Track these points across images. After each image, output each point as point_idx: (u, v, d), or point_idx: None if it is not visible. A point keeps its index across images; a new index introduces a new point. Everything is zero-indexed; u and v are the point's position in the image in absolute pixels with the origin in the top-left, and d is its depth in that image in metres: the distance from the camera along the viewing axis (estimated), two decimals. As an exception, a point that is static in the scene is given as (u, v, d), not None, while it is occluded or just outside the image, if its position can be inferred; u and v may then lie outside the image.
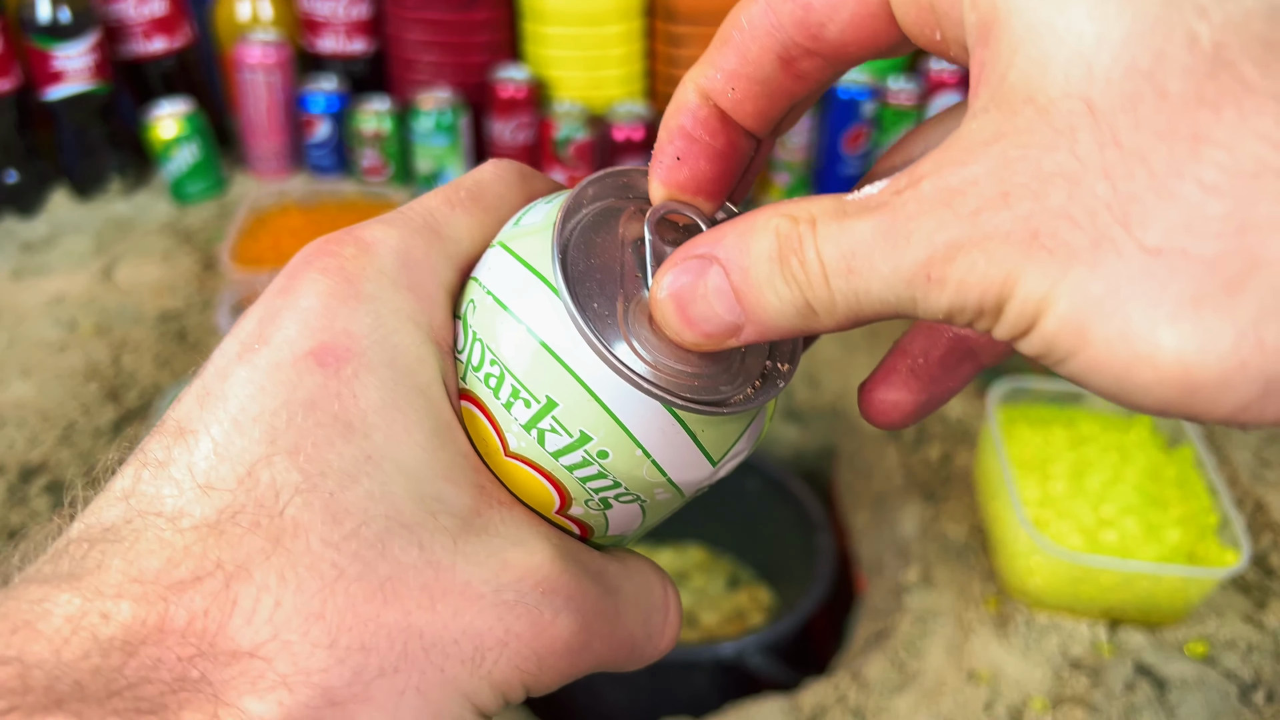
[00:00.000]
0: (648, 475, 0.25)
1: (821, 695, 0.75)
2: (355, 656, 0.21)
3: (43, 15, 1.09)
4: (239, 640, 0.20)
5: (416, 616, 0.22)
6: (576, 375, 0.23)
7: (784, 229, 0.21)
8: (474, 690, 0.22)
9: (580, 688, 0.96)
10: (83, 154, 1.19)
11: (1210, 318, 0.17)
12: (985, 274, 0.19)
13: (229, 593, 0.21)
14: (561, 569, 0.24)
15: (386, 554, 0.22)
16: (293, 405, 0.22)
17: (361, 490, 0.22)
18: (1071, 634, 0.76)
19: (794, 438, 1.10)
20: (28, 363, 0.99)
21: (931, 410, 0.27)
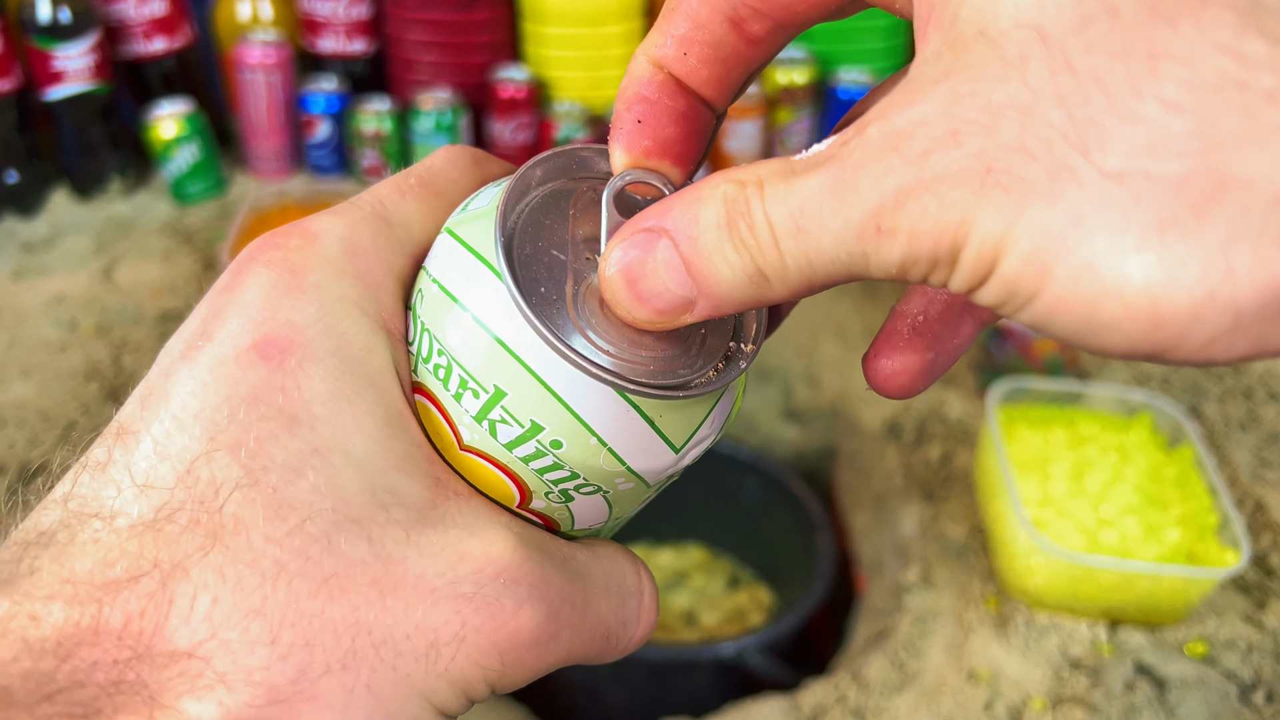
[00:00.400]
0: (605, 465, 0.24)
1: (821, 695, 0.75)
2: (298, 653, 0.20)
3: (43, 15, 1.09)
4: (176, 640, 0.20)
5: (365, 612, 0.21)
6: (523, 362, 0.23)
7: (731, 194, 0.20)
8: (431, 688, 0.22)
9: (581, 688, 0.96)
10: (83, 154, 1.19)
11: (1178, 244, 0.16)
12: (937, 219, 0.18)
13: (165, 592, 0.20)
14: (524, 558, 0.23)
15: (332, 549, 0.21)
16: (234, 400, 0.22)
17: (306, 484, 0.21)
18: (1071, 634, 0.76)
19: (794, 438, 1.10)
20: (28, 363, 0.99)
21: (939, 373, 0.25)
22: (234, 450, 0.21)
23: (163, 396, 0.22)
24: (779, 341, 1.09)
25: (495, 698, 0.81)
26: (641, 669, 0.89)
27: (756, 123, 1.19)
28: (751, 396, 1.10)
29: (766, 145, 1.22)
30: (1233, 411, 0.96)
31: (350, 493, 0.22)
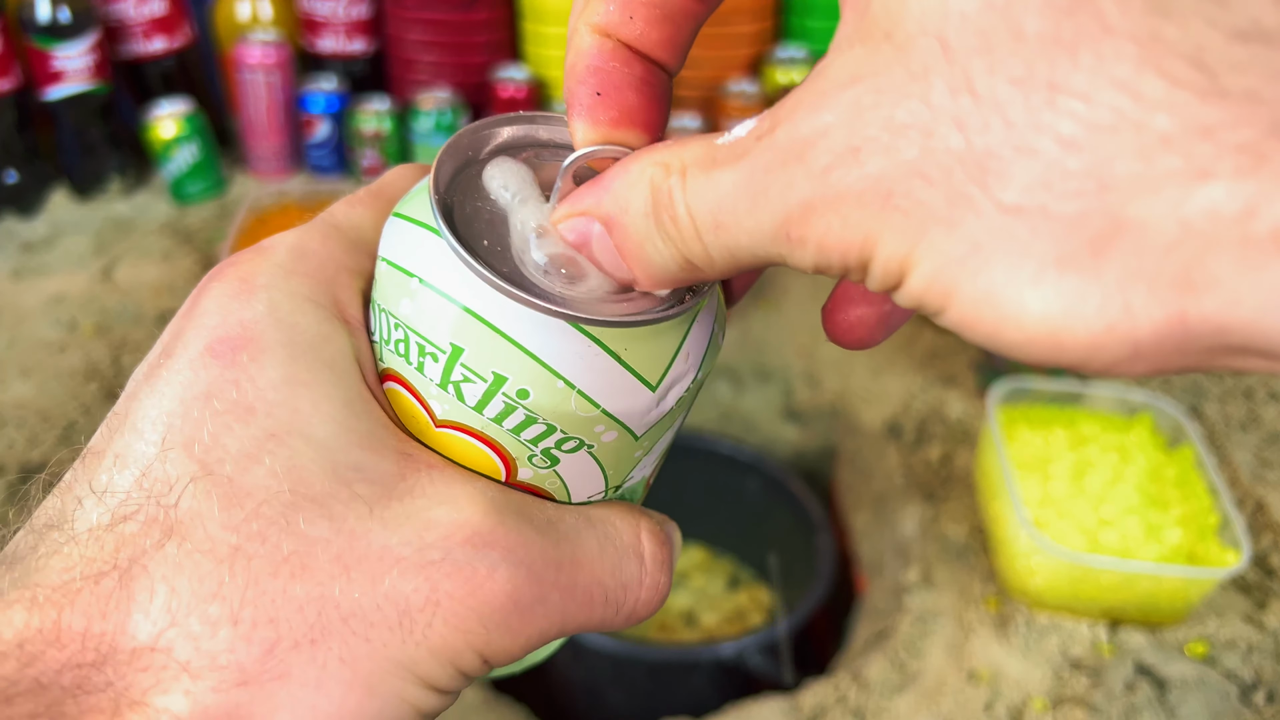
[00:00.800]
0: (578, 409, 0.23)
1: (822, 695, 0.75)
2: (263, 631, 0.20)
3: (43, 15, 1.09)
4: (138, 635, 0.20)
5: (329, 587, 0.21)
6: (471, 311, 0.22)
7: (657, 180, 0.20)
8: (411, 659, 0.21)
9: (581, 688, 0.96)
10: (83, 154, 1.19)
11: (1074, 279, 0.16)
12: (842, 236, 0.18)
13: (124, 590, 0.20)
14: (496, 521, 0.22)
15: (291, 529, 0.21)
16: (188, 400, 0.22)
17: (263, 469, 0.21)
18: (1072, 634, 0.76)
19: (794, 438, 1.10)
20: (28, 363, 0.99)
21: (897, 324, 0.25)
22: (188, 447, 0.21)
23: (124, 415, 0.22)
24: (779, 341, 1.09)
25: (494, 698, 0.81)
26: (641, 669, 0.89)
27: (756, 123, 1.19)
28: (751, 396, 1.09)
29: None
30: (1233, 412, 0.96)
31: (310, 473, 0.21)
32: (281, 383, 0.22)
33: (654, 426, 0.25)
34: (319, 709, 0.20)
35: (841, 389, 1.04)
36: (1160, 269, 0.16)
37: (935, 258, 0.17)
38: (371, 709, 0.21)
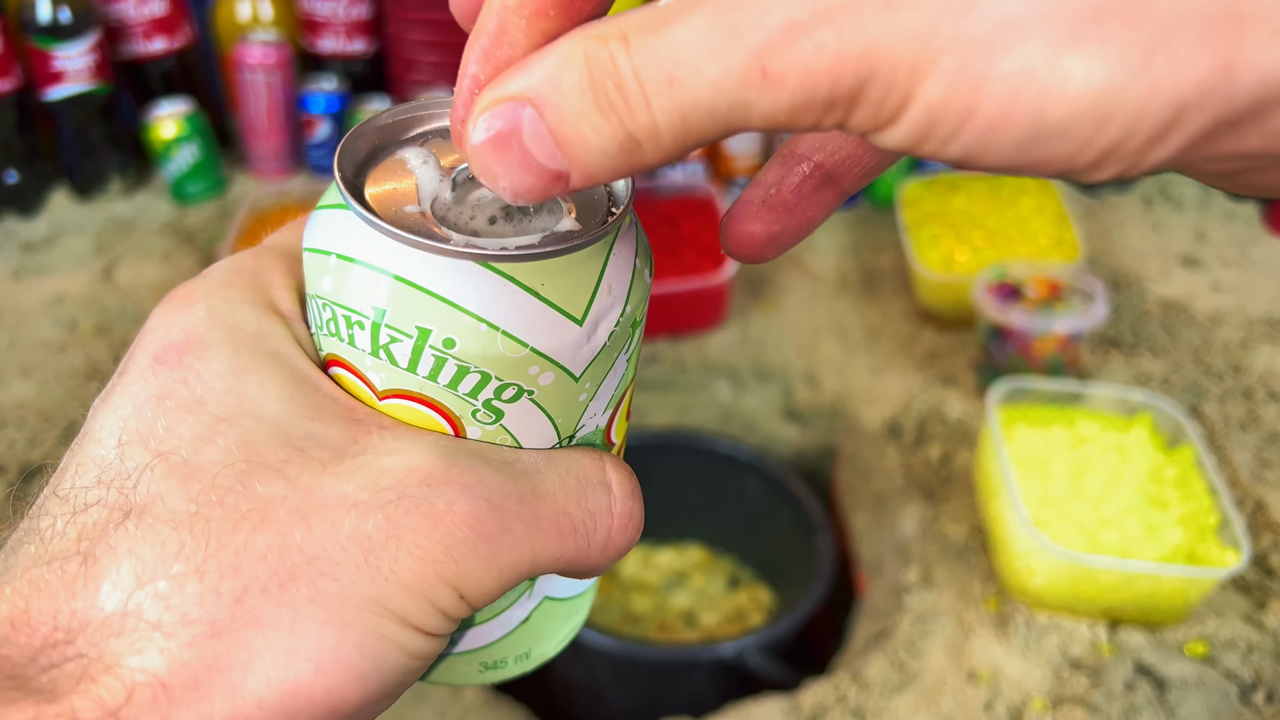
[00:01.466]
0: (506, 350, 0.23)
1: (821, 695, 0.75)
2: (229, 581, 0.20)
3: (43, 15, 1.09)
4: (106, 606, 0.20)
5: (291, 535, 0.21)
6: (381, 269, 0.23)
7: (593, 51, 0.18)
8: (384, 594, 0.21)
9: (581, 688, 0.96)
10: (83, 154, 1.19)
11: (1117, 33, 0.15)
12: (837, 53, 0.16)
13: (90, 569, 0.20)
14: (450, 462, 0.23)
15: (247, 493, 0.21)
16: (140, 404, 0.23)
17: (216, 448, 0.22)
18: (1071, 634, 0.76)
19: (794, 438, 1.10)
20: (28, 363, 0.99)
21: (788, 242, 0.25)
22: (144, 441, 0.22)
23: (85, 432, 0.23)
24: (779, 341, 1.09)
25: (495, 698, 0.81)
26: (641, 669, 0.89)
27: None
28: (751, 396, 1.10)
29: (767, 145, 1.22)
30: (1233, 411, 0.96)
31: (263, 446, 0.22)
32: (227, 373, 0.23)
33: (592, 364, 0.24)
34: (296, 650, 0.20)
35: (841, 389, 1.04)
36: (1206, 9, 0.15)
37: (957, 48, 0.15)
38: (349, 645, 0.21)
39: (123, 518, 0.21)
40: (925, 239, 1.09)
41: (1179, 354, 1.03)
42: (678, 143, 0.18)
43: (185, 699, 0.19)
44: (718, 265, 1.05)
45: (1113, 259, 1.15)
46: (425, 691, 0.80)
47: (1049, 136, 0.16)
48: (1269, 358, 1.02)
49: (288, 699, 0.20)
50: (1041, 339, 0.92)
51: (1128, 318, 1.07)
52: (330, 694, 0.20)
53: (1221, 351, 1.03)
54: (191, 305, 0.24)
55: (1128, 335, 1.05)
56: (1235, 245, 1.18)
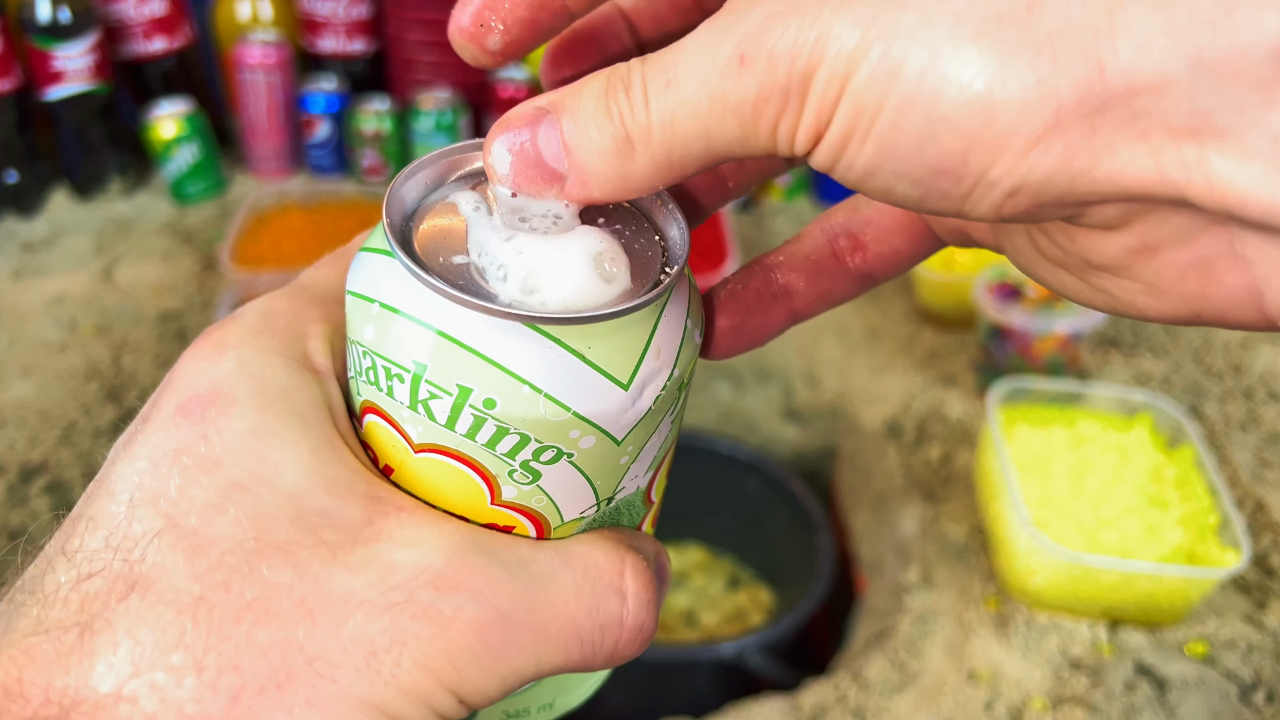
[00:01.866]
0: (548, 414, 0.22)
1: (822, 695, 0.75)
2: (227, 678, 0.20)
3: (43, 15, 1.09)
4: (100, 687, 0.20)
5: (294, 631, 0.21)
6: (427, 324, 0.22)
7: (618, 69, 0.21)
8: (381, 699, 0.21)
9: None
10: (83, 154, 1.19)
11: (1010, 31, 0.17)
12: (796, 39, 0.18)
13: (86, 644, 0.20)
14: (461, 563, 0.22)
15: (254, 577, 0.21)
16: (157, 458, 0.22)
17: (228, 519, 0.21)
18: (1071, 634, 0.76)
19: (794, 438, 1.10)
20: (28, 363, 0.99)
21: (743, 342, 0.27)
22: (154, 502, 0.21)
23: (101, 481, 0.23)
24: (779, 341, 1.09)
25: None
26: (641, 669, 0.89)
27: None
28: (751, 396, 1.10)
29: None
30: (1233, 411, 0.96)
31: (275, 521, 0.22)
32: (249, 433, 0.22)
33: (635, 429, 0.24)
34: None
35: (841, 389, 1.04)
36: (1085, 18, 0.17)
37: (887, 37, 0.18)
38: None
39: (127, 591, 0.21)
40: (925, 239, 1.09)
41: (1179, 354, 1.03)
42: (664, 146, 0.20)
43: None
44: (718, 265, 1.05)
45: (1113, 259, 1.15)
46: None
47: (940, 123, 0.18)
48: (1269, 358, 1.02)
49: None
50: (1042, 339, 0.92)
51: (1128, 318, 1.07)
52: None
53: (1221, 351, 1.03)
54: (221, 354, 0.24)
55: (1128, 335, 1.05)
56: (1235, 245, 1.18)
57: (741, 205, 1.25)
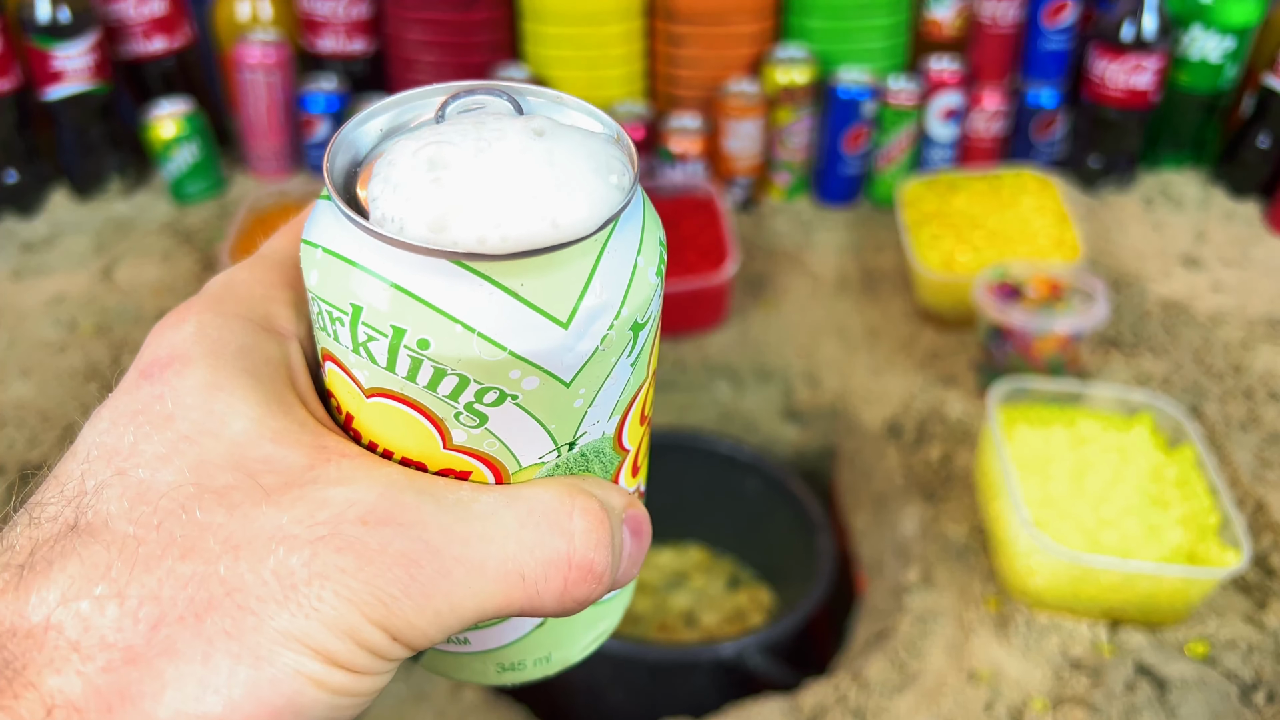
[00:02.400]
0: (484, 353, 0.22)
1: (822, 695, 0.75)
2: (148, 608, 0.20)
3: (43, 15, 1.09)
4: (32, 617, 0.20)
5: (215, 565, 0.21)
6: (356, 263, 0.22)
7: None
8: (303, 631, 0.21)
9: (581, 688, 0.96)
10: (83, 154, 1.19)
11: None
12: None
13: (24, 580, 0.21)
14: (394, 500, 0.22)
15: (186, 519, 0.21)
16: (117, 417, 0.23)
17: (172, 468, 0.22)
18: (1072, 634, 0.76)
19: (794, 438, 1.10)
20: (28, 363, 0.99)
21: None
22: (109, 458, 0.22)
23: (73, 445, 0.24)
24: (779, 341, 1.09)
25: (494, 698, 0.81)
26: (641, 669, 0.89)
27: (757, 122, 1.19)
28: (751, 396, 1.09)
29: (767, 144, 1.22)
30: (1233, 412, 0.96)
31: (215, 468, 0.22)
32: (200, 388, 0.23)
33: (583, 370, 0.23)
34: (207, 682, 0.20)
35: (841, 389, 1.04)
36: None
37: None
38: (263, 681, 0.20)
39: (65, 533, 0.21)
40: (925, 239, 1.09)
41: (1179, 354, 1.02)
42: None
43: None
44: (718, 265, 1.05)
45: (1113, 259, 1.15)
46: (425, 691, 0.79)
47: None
48: (1269, 358, 1.01)
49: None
50: (1042, 339, 0.92)
51: (1128, 318, 1.07)
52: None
53: (1222, 351, 1.02)
54: (183, 320, 0.25)
55: (1128, 335, 1.05)
56: (1236, 245, 1.18)
57: (741, 205, 1.25)
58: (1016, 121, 1.25)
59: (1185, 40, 1.18)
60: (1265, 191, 1.22)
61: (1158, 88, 1.18)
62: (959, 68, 1.19)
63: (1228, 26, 1.16)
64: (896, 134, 1.21)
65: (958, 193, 1.16)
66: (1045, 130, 1.25)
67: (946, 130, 1.22)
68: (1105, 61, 1.17)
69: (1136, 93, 1.17)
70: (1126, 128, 1.21)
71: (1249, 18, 1.16)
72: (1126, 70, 1.16)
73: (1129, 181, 1.26)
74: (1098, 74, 1.18)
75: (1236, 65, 1.19)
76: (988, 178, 1.18)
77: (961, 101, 1.21)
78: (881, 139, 1.22)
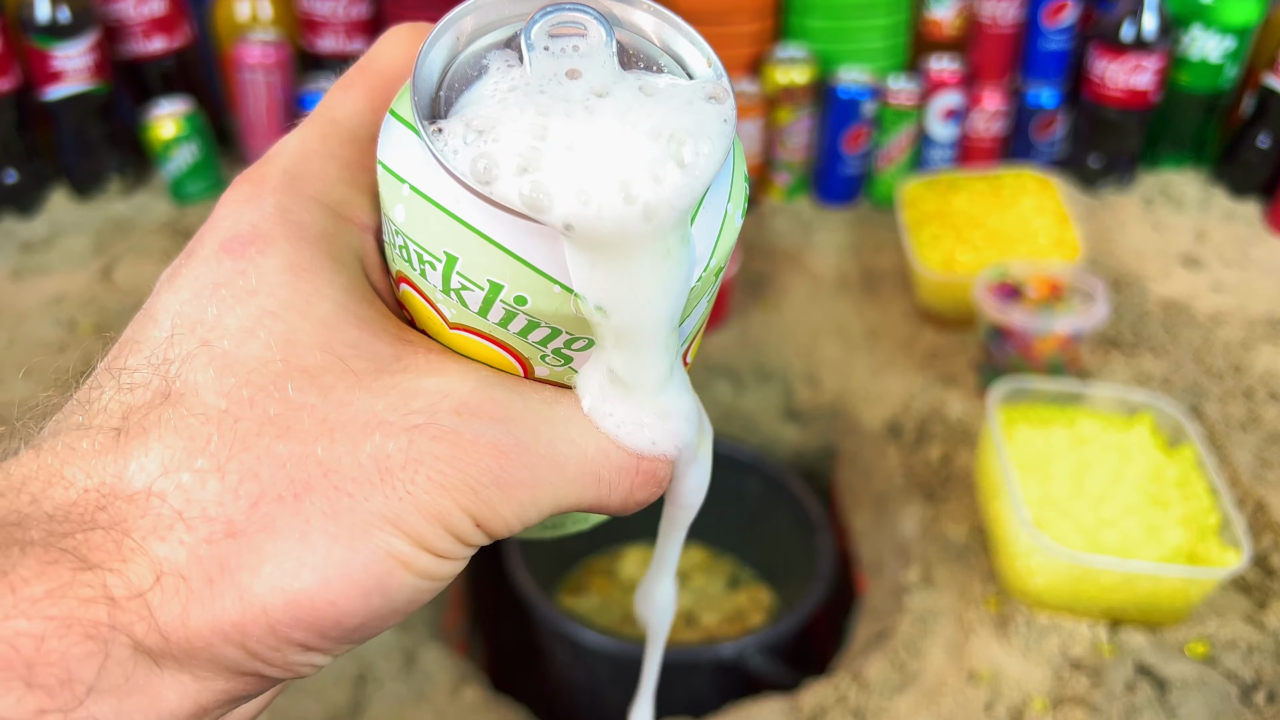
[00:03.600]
0: (580, 311, 0.22)
1: (822, 695, 0.75)
2: (248, 484, 0.21)
3: (42, 15, 1.09)
4: (134, 483, 0.21)
5: (313, 446, 0.21)
6: (459, 219, 0.21)
7: None
8: (396, 514, 0.21)
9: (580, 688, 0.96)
10: (82, 154, 1.19)
11: None
12: None
13: (122, 445, 0.21)
14: (486, 395, 0.23)
15: (279, 396, 0.22)
16: (198, 289, 0.23)
17: (258, 342, 0.22)
18: (1072, 634, 0.76)
19: (794, 438, 1.10)
20: (27, 363, 0.99)
21: None
22: (193, 328, 0.23)
23: (147, 309, 0.24)
24: (779, 341, 1.09)
25: (494, 698, 0.81)
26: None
27: (757, 122, 1.19)
28: (751, 396, 1.09)
29: (767, 144, 1.22)
30: (1234, 412, 0.96)
31: (304, 347, 0.22)
32: (285, 268, 0.23)
33: None
34: (304, 560, 0.21)
35: (841, 389, 1.04)
36: None
37: None
38: (356, 561, 0.21)
39: (160, 402, 0.22)
40: (925, 239, 1.09)
41: (1179, 354, 1.02)
42: None
43: (201, 594, 0.20)
44: (718, 265, 1.05)
45: (1113, 259, 1.15)
46: (425, 691, 0.79)
47: None
48: (1269, 358, 1.01)
49: (291, 608, 0.21)
50: (1042, 339, 0.92)
51: (1128, 318, 1.07)
52: (333, 607, 0.21)
53: (1222, 351, 1.02)
54: (261, 198, 0.24)
55: (1128, 335, 1.05)
56: (1236, 245, 1.18)
57: (741, 205, 1.25)
58: (1017, 121, 1.25)
59: (1185, 40, 1.18)
60: (1265, 191, 1.22)
61: (1158, 87, 1.18)
62: (959, 67, 1.19)
63: (1228, 26, 1.16)
64: (896, 134, 1.21)
65: (958, 193, 1.16)
66: (1045, 130, 1.25)
67: (946, 130, 1.22)
68: (1105, 61, 1.17)
69: (1137, 92, 1.17)
70: (1127, 128, 1.21)
71: (1249, 17, 1.16)
72: (1127, 70, 1.16)
73: (1129, 181, 1.26)
74: (1098, 74, 1.18)
75: (1237, 65, 1.19)
76: (988, 178, 1.18)
77: (962, 101, 1.21)
78: (881, 139, 1.22)
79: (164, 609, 0.20)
